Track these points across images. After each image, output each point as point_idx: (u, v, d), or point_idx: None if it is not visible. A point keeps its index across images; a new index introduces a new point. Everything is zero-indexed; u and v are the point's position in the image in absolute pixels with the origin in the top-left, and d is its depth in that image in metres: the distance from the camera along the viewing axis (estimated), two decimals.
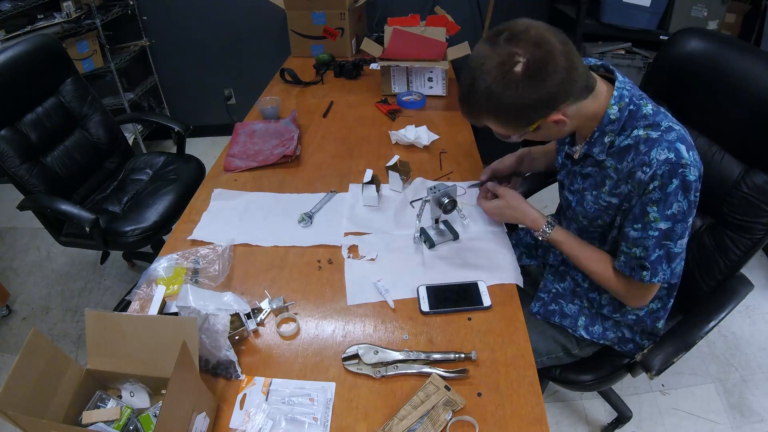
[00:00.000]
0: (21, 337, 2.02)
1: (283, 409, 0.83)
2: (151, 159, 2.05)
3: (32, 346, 0.73)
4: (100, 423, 0.80)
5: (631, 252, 0.93)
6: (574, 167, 1.04)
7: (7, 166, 1.60)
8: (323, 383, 0.87)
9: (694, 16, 2.27)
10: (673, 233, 0.87)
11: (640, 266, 0.92)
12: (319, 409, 0.82)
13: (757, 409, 1.62)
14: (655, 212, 0.86)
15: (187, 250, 1.15)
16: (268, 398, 0.85)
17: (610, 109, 0.89)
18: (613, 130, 0.90)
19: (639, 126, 0.88)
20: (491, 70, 0.81)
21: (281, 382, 0.88)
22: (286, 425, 0.81)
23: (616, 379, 1.16)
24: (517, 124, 0.89)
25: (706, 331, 1.00)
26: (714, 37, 1.09)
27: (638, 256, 0.92)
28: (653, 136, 0.85)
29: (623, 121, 0.89)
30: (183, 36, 2.93)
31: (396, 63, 1.81)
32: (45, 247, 2.49)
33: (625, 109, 0.89)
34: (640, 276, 0.93)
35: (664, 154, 0.83)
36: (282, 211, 1.29)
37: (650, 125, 0.87)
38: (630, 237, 0.92)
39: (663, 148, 0.83)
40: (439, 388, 0.83)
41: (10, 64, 1.63)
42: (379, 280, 1.06)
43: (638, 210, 0.89)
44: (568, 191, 1.08)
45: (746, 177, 1.01)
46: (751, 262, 1.05)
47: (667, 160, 0.82)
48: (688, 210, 0.86)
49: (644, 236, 0.89)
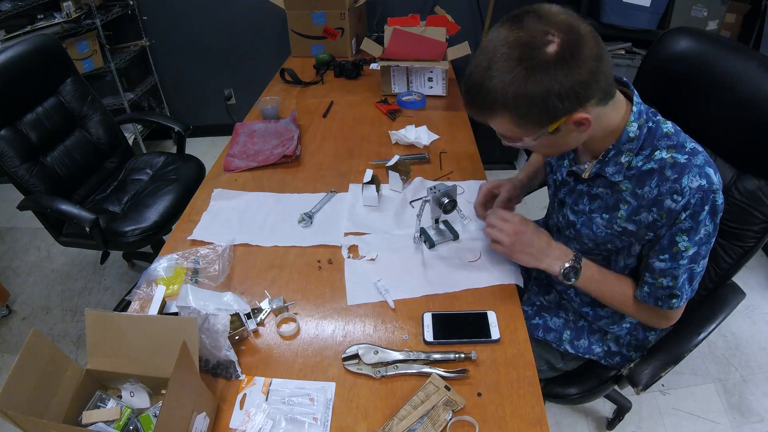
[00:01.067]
0: (21, 337, 2.02)
1: (283, 409, 0.83)
2: (151, 159, 2.05)
3: (32, 346, 0.73)
4: (100, 423, 0.80)
5: (657, 282, 0.88)
6: (580, 186, 0.96)
7: (7, 166, 1.60)
8: (323, 383, 0.86)
9: (694, 16, 2.28)
10: (699, 256, 0.84)
11: (670, 295, 0.88)
12: (319, 409, 0.82)
13: (757, 409, 1.62)
14: (686, 241, 0.82)
15: (187, 250, 1.15)
16: (268, 398, 0.85)
17: (629, 126, 0.82)
18: (632, 149, 0.83)
19: (661, 147, 0.82)
20: (516, 50, 0.69)
21: (281, 382, 0.87)
22: (286, 425, 0.81)
23: (603, 391, 1.14)
24: (537, 120, 0.75)
25: (695, 344, 0.97)
26: (703, 37, 1.05)
27: (666, 286, 0.87)
28: (681, 161, 0.79)
29: (642, 140, 0.82)
30: (183, 36, 2.93)
31: (396, 63, 1.81)
32: (45, 247, 2.49)
33: (644, 127, 0.82)
34: (669, 305, 0.89)
35: (697, 181, 0.77)
36: (282, 211, 1.29)
37: (674, 146, 0.81)
38: (656, 269, 0.87)
39: (694, 174, 0.77)
40: (439, 388, 0.83)
41: (10, 64, 1.63)
42: (379, 280, 1.06)
43: (666, 241, 0.84)
44: (570, 211, 0.99)
45: (738, 182, 0.98)
46: (750, 262, 1.03)
47: (700, 188, 0.77)
48: (713, 232, 0.82)
49: (674, 266, 0.85)
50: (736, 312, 1.15)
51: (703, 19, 2.28)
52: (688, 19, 2.28)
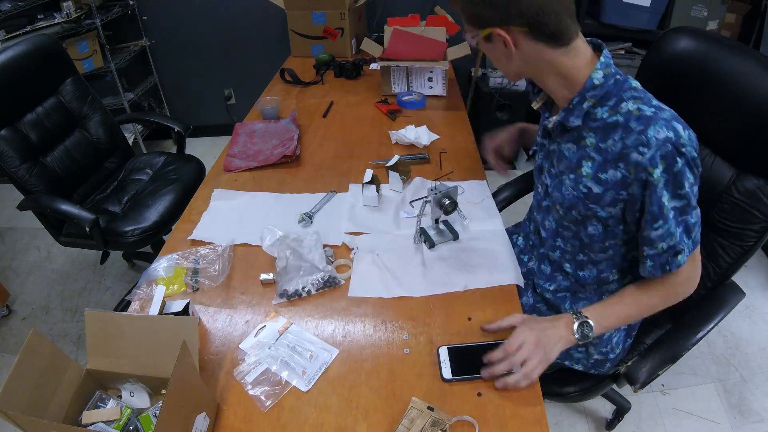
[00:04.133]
0: (21, 337, 2.02)
1: (283, 352, 0.91)
2: (151, 159, 2.05)
3: (32, 346, 0.73)
4: (100, 423, 0.80)
5: (659, 249, 0.84)
6: (552, 145, 0.96)
7: (7, 166, 1.60)
8: (329, 347, 0.93)
9: (694, 16, 2.28)
10: (688, 207, 0.81)
11: (674, 254, 0.83)
12: (313, 366, 0.89)
13: (757, 409, 1.62)
14: (669, 197, 0.79)
15: (187, 250, 1.15)
16: (279, 338, 0.94)
17: (594, 73, 0.82)
18: (595, 96, 0.82)
19: (627, 98, 0.80)
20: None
21: (298, 330, 0.97)
22: (278, 367, 0.89)
23: (601, 390, 1.13)
24: (475, 18, 0.83)
25: (693, 343, 0.97)
26: (703, 37, 1.04)
27: (667, 248, 0.83)
28: (647, 113, 0.78)
29: (608, 88, 0.82)
30: (183, 36, 2.93)
31: (396, 63, 1.81)
32: (45, 247, 2.49)
33: (611, 77, 0.82)
34: (676, 264, 0.84)
35: (663, 132, 0.75)
36: (282, 211, 1.29)
37: (641, 99, 0.80)
38: (654, 238, 0.83)
39: (661, 126, 0.76)
40: (423, 410, 0.80)
41: (10, 64, 1.63)
42: (379, 280, 1.06)
43: (656, 207, 0.80)
44: (547, 174, 0.99)
45: (737, 182, 0.98)
46: (750, 261, 1.03)
47: (667, 139, 0.75)
48: (695, 181, 0.80)
49: (667, 225, 0.81)
50: (736, 312, 1.15)
51: (703, 19, 2.28)
52: (688, 19, 2.28)
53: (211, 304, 1.04)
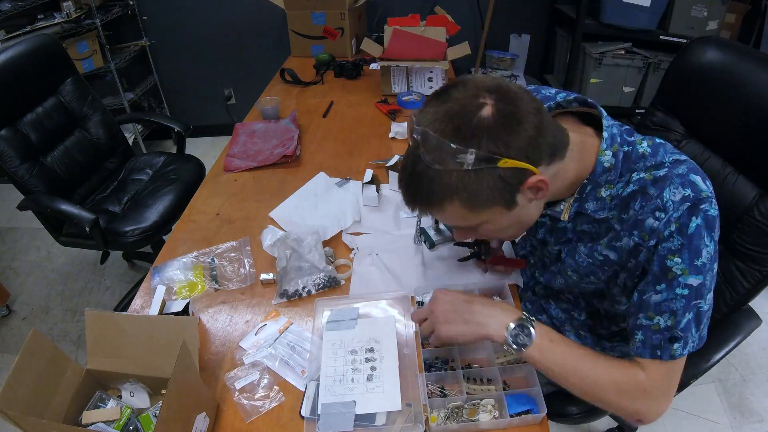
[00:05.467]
0: (21, 337, 2.02)
1: (283, 351, 0.92)
2: (151, 159, 2.05)
3: (32, 346, 0.73)
4: (100, 423, 0.80)
5: (654, 323, 0.70)
6: (561, 224, 0.84)
7: (7, 166, 1.60)
8: None
9: (694, 17, 2.28)
10: (704, 288, 0.68)
11: (670, 339, 0.69)
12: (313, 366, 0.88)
13: (757, 409, 1.62)
14: (681, 264, 0.67)
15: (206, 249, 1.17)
16: (279, 338, 0.95)
17: (602, 156, 0.72)
18: (611, 180, 0.73)
19: (638, 169, 0.71)
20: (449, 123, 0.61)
21: (298, 330, 0.97)
22: (278, 365, 0.90)
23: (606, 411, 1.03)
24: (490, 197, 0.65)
25: (703, 371, 0.92)
26: (731, 48, 0.98)
27: (665, 327, 0.69)
28: (660, 174, 0.69)
29: (620, 167, 0.72)
30: (183, 36, 2.93)
31: (396, 63, 1.81)
32: (45, 247, 2.49)
33: (619, 153, 0.72)
34: (669, 353, 0.70)
35: (680, 192, 0.67)
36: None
37: (652, 166, 0.71)
38: (651, 303, 0.70)
39: (676, 185, 0.67)
40: None
41: (10, 64, 1.63)
42: (380, 280, 1.06)
43: (657, 268, 0.69)
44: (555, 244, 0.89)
45: (760, 203, 0.90)
46: None
47: (684, 199, 0.66)
48: (715, 254, 0.68)
49: (671, 298, 0.68)
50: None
51: (703, 19, 2.28)
52: (688, 19, 2.28)
53: (211, 304, 1.04)
